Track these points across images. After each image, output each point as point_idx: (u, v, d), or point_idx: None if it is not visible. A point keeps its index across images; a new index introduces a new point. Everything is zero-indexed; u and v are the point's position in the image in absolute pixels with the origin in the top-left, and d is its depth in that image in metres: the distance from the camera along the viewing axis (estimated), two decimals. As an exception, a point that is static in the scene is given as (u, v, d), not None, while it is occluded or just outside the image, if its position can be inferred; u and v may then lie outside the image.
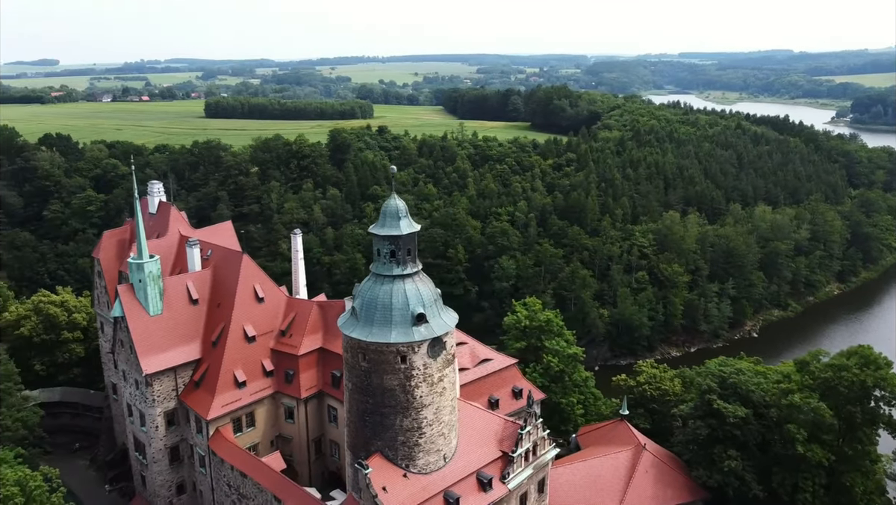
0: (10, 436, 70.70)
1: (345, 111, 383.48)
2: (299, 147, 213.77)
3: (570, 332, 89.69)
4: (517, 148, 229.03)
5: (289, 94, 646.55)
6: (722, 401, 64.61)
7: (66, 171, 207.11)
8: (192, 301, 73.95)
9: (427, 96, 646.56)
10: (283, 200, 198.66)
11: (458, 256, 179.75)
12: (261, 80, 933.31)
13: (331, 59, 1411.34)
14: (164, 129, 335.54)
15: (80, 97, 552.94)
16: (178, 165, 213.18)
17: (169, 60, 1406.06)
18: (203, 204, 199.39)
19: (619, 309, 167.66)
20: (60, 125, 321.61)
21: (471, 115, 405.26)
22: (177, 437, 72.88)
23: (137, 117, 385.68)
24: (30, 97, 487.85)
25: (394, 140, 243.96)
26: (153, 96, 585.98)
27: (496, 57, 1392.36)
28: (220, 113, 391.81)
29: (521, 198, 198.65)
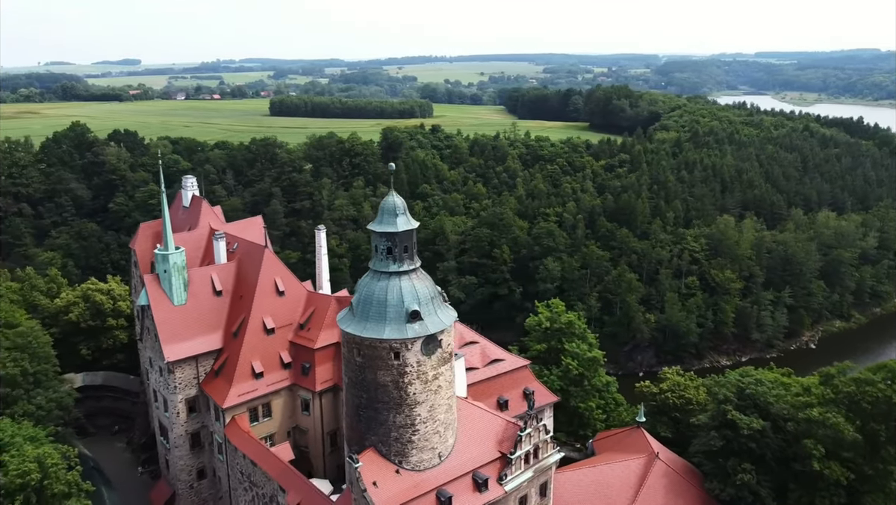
0: (44, 415, 74.55)
1: (404, 110, 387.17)
2: (352, 145, 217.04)
3: (592, 335, 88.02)
4: (569, 148, 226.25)
5: (354, 93, 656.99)
6: (738, 412, 62.22)
7: (131, 165, 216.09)
8: (216, 292, 76.18)
9: (490, 96, 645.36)
10: (333, 197, 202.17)
11: (504, 256, 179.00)
12: (329, 79, 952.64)
13: (398, 58, 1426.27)
14: (230, 126, 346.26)
15: (155, 95, 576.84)
16: (235, 161, 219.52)
17: (243, 60, 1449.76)
18: (257, 199, 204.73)
19: (666, 314, 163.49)
20: (134, 122, 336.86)
21: (530, 114, 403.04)
22: (198, 423, 75.24)
23: (206, 115, 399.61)
24: (109, 95, 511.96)
25: (446, 139, 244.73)
26: (224, 95, 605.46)
27: (563, 57, 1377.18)
28: (285, 111, 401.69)
29: (570, 199, 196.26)
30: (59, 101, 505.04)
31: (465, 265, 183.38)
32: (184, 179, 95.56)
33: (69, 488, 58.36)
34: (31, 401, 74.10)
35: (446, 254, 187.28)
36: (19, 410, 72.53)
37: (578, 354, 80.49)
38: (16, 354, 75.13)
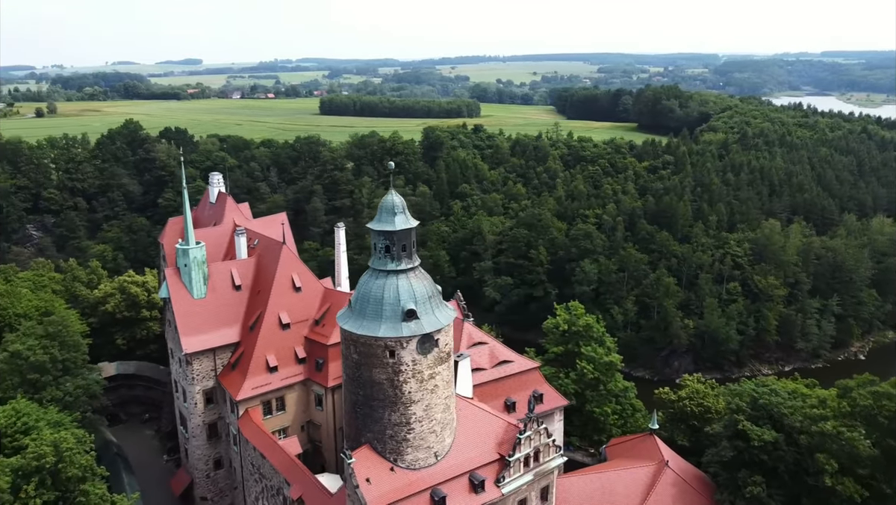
0: (71, 402, 77.50)
1: (451, 110, 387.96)
2: (393, 144, 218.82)
3: (611, 339, 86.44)
4: (612, 149, 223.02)
5: (405, 92, 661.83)
6: (750, 423, 60.24)
7: (180, 162, 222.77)
8: (235, 287, 77.81)
9: (542, 96, 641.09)
10: (373, 196, 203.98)
11: (540, 258, 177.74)
12: (382, 78, 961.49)
13: (452, 58, 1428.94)
14: (280, 124, 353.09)
15: (212, 94, 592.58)
16: (280, 159, 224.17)
17: (300, 60, 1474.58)
18: (300, 196, 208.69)
19: (705, 320, 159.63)
20: (188, 120, 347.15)
21: (579, 115, 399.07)
22: (215, 414, 77.03)
23: (258, 113, 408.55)
24: (168, 94, 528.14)
25: (488, 139, 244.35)
26: (278, 94, 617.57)
27: (619, 56, 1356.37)
28: (334, 110, 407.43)
29: (610, 200, 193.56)
30: (122, 99, 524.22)
31: (501, 266, 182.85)
32: (210, 176, 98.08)
33: (83, 472, 60.40)
34: (59, 387, 77.05)
35: (483, 254, 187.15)
36: (47, 396, 75.50)
37: (594, 357, 79.24)
38: (46, 342, 78.24)
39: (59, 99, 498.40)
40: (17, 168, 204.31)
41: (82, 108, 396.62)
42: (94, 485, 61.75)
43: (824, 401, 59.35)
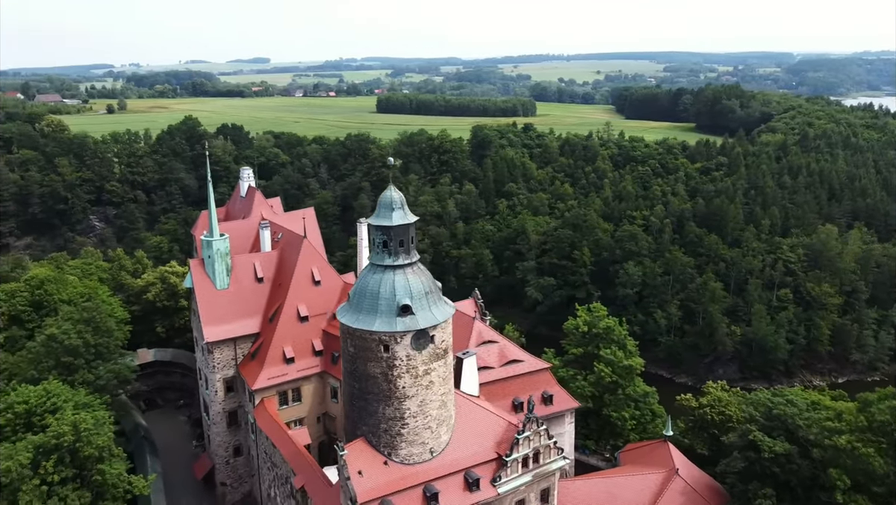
0: (102, 385, 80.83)
1: (507, 108, 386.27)
2: (441, 142, 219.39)
3: (632, 342, 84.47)
4: (664, 150, 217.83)
5: (465, 91, 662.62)
6: (762, 433, 57.95)
7: (234, 157, 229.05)
8: (257, 279, 79.65)
9: (603, 95, 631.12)
10: (419, 193, 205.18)
11: (584, 259, 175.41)
12: (444, 77, 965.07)
13: (515, 57, 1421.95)
14: (337, 122, 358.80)
15: (276, 92, 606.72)
16: (330, 156, 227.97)
17: (364, 59, 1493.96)
18: (347, 193, 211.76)
19: (753, 327, 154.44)
20: (249, 117, 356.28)
21: (638, 114, 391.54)
22: (235, 403, 79.05)
23: (317, 111, 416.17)
24: (233, 91, 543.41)
25: (537, 138, 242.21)
26: (339, 92, 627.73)
27: (687, 55, 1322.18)
28: (390, 108, 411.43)
29: (659, 202, 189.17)
30: (190, 96, 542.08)
31: (544, 266, 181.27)
32: (241, 171, 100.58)
33: (100, 452, 62.88)
34: (91, 371, 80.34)
35: (527, 253, 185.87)
36: (79, 379, 78.83)
37: (613, 361, 77.64)
38: (80, 327, 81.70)
39: (132, 96, 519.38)
40: (82, 161, 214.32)
41: (151, 105, 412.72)
42: (111, 465, 64.21)
43: (840, 414, 56.59)
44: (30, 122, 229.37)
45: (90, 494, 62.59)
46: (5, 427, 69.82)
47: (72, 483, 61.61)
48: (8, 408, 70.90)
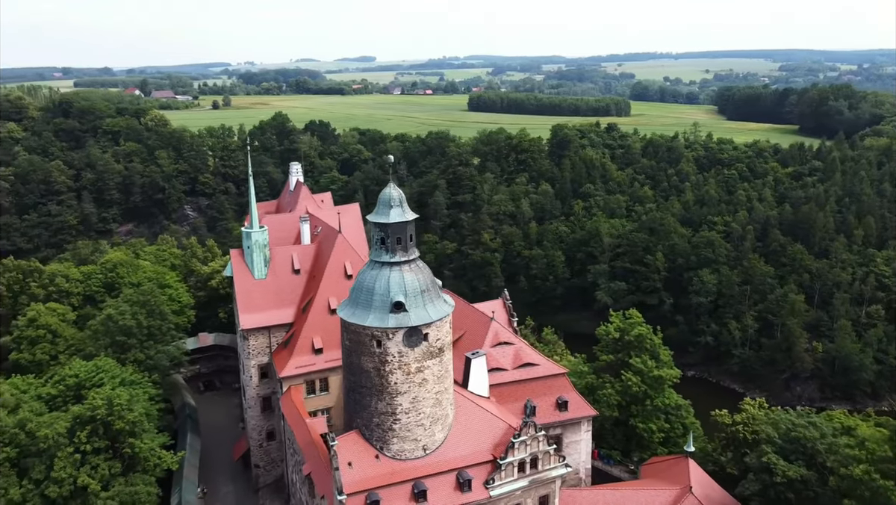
0: (152, 365, 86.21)
1: (599, 108, 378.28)
2: (519, 141, 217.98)
3: (666, 352, 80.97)
4: (753, 153, 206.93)
5: (564, 90, 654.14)
6: (777, 456, 54.39)
7: (320, 153, 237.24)
8: (294, 271, 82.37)
9: (708, 95, 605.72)
10: (494, 192, 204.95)
11: (657, 264, 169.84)
12: (545, 76, 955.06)
13: (620, 55, 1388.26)
14: (427, 119, 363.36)
15: (375, 90, 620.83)
16: (410, 153, 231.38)
17: (467, 57, 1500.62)
18: (423, 190, 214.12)
19: (836, 344, 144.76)
20: (343, 114, 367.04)
21: (739, 115, 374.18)
22: (269, 389, 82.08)
23: (411, 109, 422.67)
24: (333, 89, 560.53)
25: (620, 139, 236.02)
26: (437, 90, 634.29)
27: (806, 53, 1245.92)
28: (481, 107, 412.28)
29: (743, 207, 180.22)
30: (294, 94, 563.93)
31: (617, 270, 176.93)
32: (290, 166, 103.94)
33: (131, 427, 67.15)
34: (142, 350, 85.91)
35: (599, 256, 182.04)
36: (131, 357, 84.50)
37: (643, 370, 74.88)
38: (136, 309, 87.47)
39: (240, 93, 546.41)
40: (180, 154, 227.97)
41: (253, 102, 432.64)
42: (142, 439, 68.43)
43: (863, 442, 52.22)
44: (136, 116, 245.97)
45: (120, 465, 66.97)
46: (57, 397, 75.95)
47: (104, 453, 66.10)
48: (60, 380, 77.06)
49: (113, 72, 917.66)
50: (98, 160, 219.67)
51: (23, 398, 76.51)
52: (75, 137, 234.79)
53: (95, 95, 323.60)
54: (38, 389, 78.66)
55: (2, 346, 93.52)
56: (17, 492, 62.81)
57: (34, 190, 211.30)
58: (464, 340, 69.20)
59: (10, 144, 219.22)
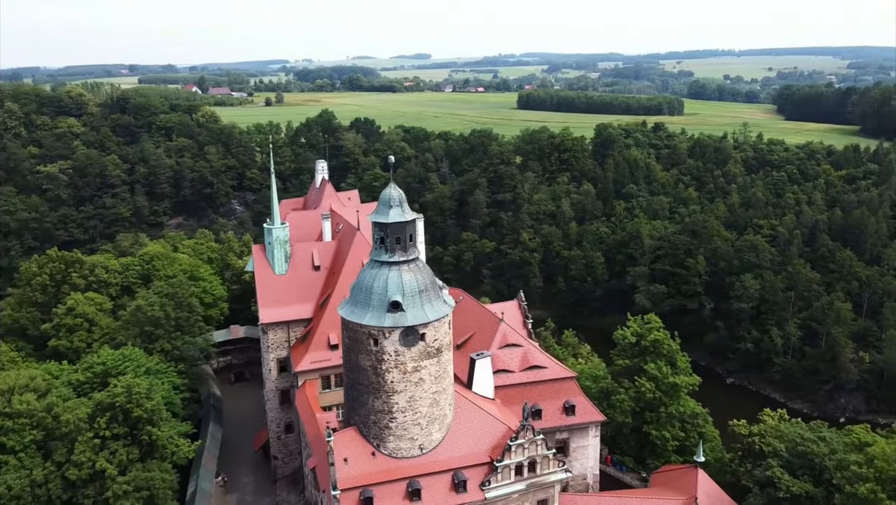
0: (178, 355, 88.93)
1: (651, 107, 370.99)
2: (562, 140, 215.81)
3: (685, 358, 78.97)
4: (805, 154, 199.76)
5: (618, 88, 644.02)
6: (782, 470, 52.58)
7: (364, 150, 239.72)
8: (314, 267, 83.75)
9: (769, 94, 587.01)
10: (535, 191, 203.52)
11: (698, 268, 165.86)
12: (600, 74, 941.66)
13: (680, 52, 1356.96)
14: (475, 117, 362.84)
15: (426, 87, 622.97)
16: (452, 151, 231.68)
17: (522, 55, 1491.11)
18: (464, 188, 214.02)
19: (884, 355, 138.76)
20: (392, 111, 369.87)
21: (798, 115, 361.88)
22: (287, 382, 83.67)
23: (459, 107, 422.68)
24: (385, 86, 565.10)
25: (667, 138, 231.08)
26: (489, 88, 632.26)
27: (878, 50, 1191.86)
28: (531, 105, 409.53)
29: (791, 210, 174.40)
30: (346, 91, 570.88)
31: (657, 272, 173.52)
32: (316, 164, 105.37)
33: (149, 415, 69.45)
34: (169, 341, 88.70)
35: (640, 259, 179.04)
36: (158, 347, 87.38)
37: (657, 377, 73.34)
38: (164, 301, 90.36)
39: (294, 90, 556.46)
40: (228, 150, 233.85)
41: (305, 99, 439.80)
42: (159, 428, 70.66)
43: (872, 460, 50.02)
44: (188, 113, 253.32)
45: (138, 452, 69.34)
46: (85, 384, 79.18)
47: (123, 440, 68.50)
48: (89, 367, 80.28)
49: (176, 69, 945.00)
50: (151, 155, 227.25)
51: (54, 383, 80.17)
52: (131, 133, 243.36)
53: (153, 92, 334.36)
54: (69, 375, 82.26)
55: (44, 332, 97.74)
56: (40, 473, 65.74)
57: (90, 183, 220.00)
58: (473, 341, 69.21)
59: (70, 139, 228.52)
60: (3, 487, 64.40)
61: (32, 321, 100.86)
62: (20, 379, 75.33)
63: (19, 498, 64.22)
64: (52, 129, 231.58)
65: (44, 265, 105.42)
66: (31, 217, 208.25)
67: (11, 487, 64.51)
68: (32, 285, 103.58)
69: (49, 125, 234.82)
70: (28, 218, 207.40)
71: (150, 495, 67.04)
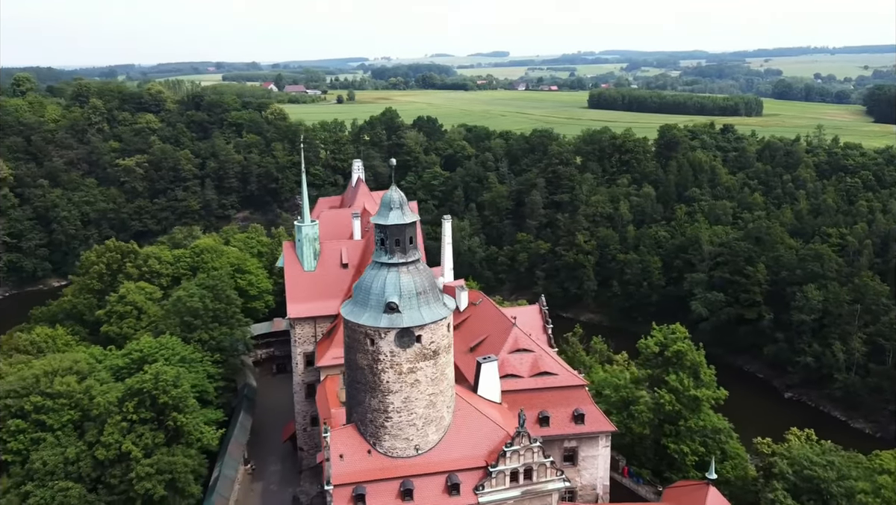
0: (214, 345, 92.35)
1: (726, 107, 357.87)
2: (623, 141, 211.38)
3: (709, 371, 75.88)
4: (884, 159, 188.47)
5: (698, 87, 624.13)
6: (786, 493, 50.19)
7: (425, 149, 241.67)
8: (342, 265, 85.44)
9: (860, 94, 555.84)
10: (593, 193, 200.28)
11: (758, 276, 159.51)
12: (681, 72, 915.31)
13: (769, 49, 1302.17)
14: (542, 116, 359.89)
15: (499, 85, 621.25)
16: (512, 151, 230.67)
17: (602, 52, 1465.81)
18: (521, 188, 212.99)
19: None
20: (459, 110, 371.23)
21: (888, 116, 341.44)
22: (313, 376, 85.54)
23: (529, 105, 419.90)
24: (457, 84, 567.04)
25: (735, 141, 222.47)
26: (562, 87, 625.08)
27: None
28: (602, 104, 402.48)
29: (864, 219, 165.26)
30: (419, 89, 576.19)
31: (715, 280, 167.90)
32: (353, 163, 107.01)
33: (175, 402, 72.66)
34: (206, 331, 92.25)
35: (698, 265, 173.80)
36: (195, 337, 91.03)
37: (678, 389, 71.08)
38: (203, 292, 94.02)
39: (368, 88, 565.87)
40: (294, 146, 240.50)
41: (376, 97, 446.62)
42: (185, 415, 73.79)
43: (879, 489, 47.11)
44: (258, 110, 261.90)
45: (164, 436, 72.69)
46: (123, 369, 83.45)
47: (150, 424, 72.01)
48: (128, 353, 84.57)
49: (260, 66, 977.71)
50: (221, 150, 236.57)
51: (96, 367, 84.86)
52: (204, 129, 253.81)
53: (229, 90, 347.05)
54: (111, 360, 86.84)
55: (98, 318, 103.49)
56: (73, 451, 69.87)
57: (164, 176, 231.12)
58: (485, 344, 69.08)
59: (148, 134, 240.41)
60: (39, 463, 68.77)
61: (89, 307, 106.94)
62: (64, 362, 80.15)
63: (53, 473, 68.39)
64: (132, 125, 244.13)
65: (101, 255, 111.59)
66: (109, 207, 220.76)
67: (46, 462, 68.77)
68: (90, 273, 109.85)
69: (129, 121, 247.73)
70: (106, 208, 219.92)
71: (171, 479, 70.09)
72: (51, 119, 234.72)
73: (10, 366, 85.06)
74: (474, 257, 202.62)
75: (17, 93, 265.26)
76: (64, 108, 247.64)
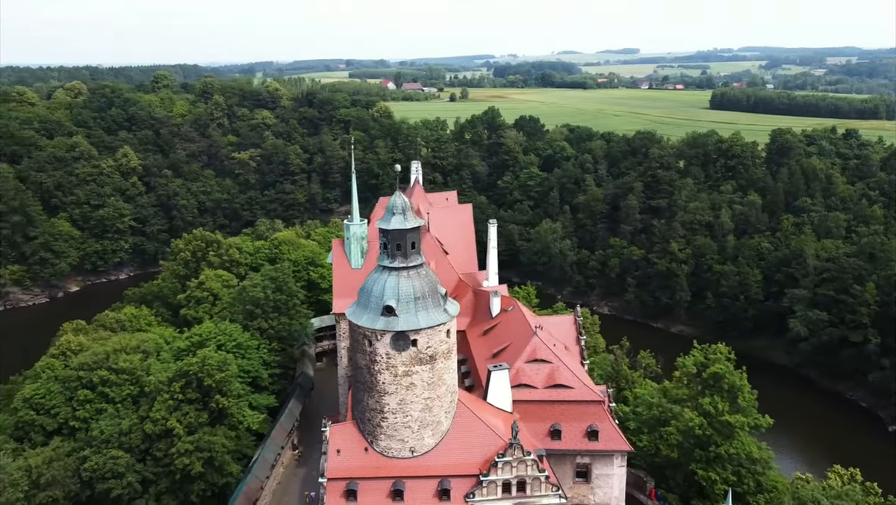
0: (273, 334, 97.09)
1: (865, 110, 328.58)
2: (730, 146, 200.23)
3: (751, 395, 70.41)
4: None
5: (845, 87, 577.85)
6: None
7: (524, 149, 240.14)
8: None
9: None
10: (692, 199, 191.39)
11: (866, 296, 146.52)
12: (827, 70, 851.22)
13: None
14: (658, 117, 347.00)
15: (621, 84, 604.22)
16: (612, 153, 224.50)
17: (740, 49, 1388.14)
18: (618, 192, 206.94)
19: None
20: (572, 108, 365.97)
21: None
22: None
23: (646, 105, 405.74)
24: (576, 83, 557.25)
25: (859, 147, 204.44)
26: (689, 85, 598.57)
27: None
28: (725, 105, 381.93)
29: None
30: (537, 87, 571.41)
31: (819, 298, 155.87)
32: (411, 164, 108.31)
33: (219, 386, 77.55)
34: (266, 320, 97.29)
35: (801, 280, 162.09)
36: (255, 325, 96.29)
37: (710, 413, 67.00)
38: (266, 283, 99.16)
39: (487, 86, 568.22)
40: (395, 144, 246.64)
41: (490, 95, 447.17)
42: (227, 398, 78.61)
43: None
44: (366, 107, 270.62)
45: (207, 417, 77.83)
46: (184, 351, 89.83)
47: (195, 404, 77.41)
48: (189, 337, 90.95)
49: (387, 64, 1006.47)
50: (328, 146, 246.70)
51: (163, 347, 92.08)
52: (314, 125, 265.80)
53: (348, 87, 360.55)
54: (177, 342, 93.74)
55: (179, 302, 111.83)
56: (126, 424, 76.44)
57: (275, 170, 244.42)
58: (506, 352, 68.56)
59: (262, 129, 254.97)
60: (97, 431, 75.84)
61: (173, 291, 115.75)
62: (132, 341, 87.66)
63: (108, 442, 75.18)
64: (249, 120, 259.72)
65: (188, 243, 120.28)
66: (223, 198, 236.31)
67: (104, 431, 75.75)
68: (178, 260, 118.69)
69: (247, 116, 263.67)
70: (220, 198, 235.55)
71: (210, 457, 74.94)
72: (178, 114, 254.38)
73: (94, 341, 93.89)
74: (565, 260, 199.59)
75: (154, 89, 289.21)
76: (191, 103, 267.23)
